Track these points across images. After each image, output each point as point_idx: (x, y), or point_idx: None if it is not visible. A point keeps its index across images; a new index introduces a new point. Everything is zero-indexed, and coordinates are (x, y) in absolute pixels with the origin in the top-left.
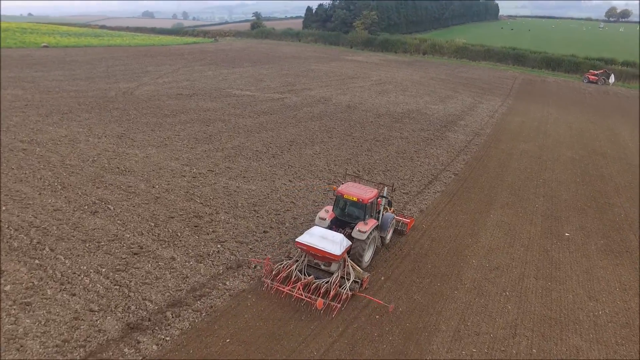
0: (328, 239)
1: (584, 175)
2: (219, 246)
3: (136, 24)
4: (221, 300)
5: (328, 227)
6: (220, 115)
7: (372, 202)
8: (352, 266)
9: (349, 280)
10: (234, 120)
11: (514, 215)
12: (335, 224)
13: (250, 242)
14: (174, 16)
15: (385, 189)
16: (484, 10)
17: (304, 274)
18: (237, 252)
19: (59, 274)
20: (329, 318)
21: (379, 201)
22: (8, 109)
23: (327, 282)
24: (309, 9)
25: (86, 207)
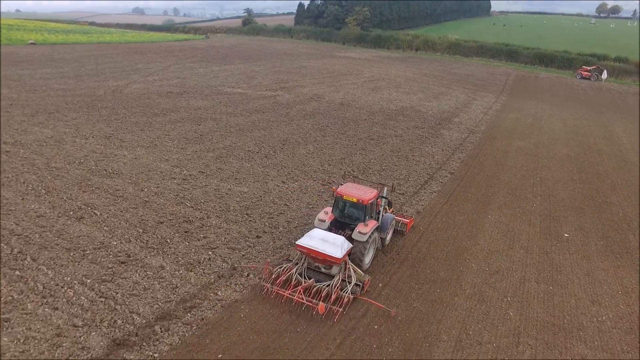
0: (329, 242)
1: (580, 173)
2: (210, 253)
3: (126, 20)
4: (213, 312)
5: (327, 228)
6: (211, 114)
7: (372, 202)
8: (353, 269)
9: (350, 283)
10: (225, 119)
11: (512, 215)
12: (334, 225)
13: (242, 248)
14: (165, 12)
15: (385, 189)
16: (476, 6)
17: (304, 277)
18: (230, 259)
19: (40, 286)
20: (327, 328)
21: (378, 201)
22: None
23: (328, 285)
24: (300, 5)
25: (71, 212)
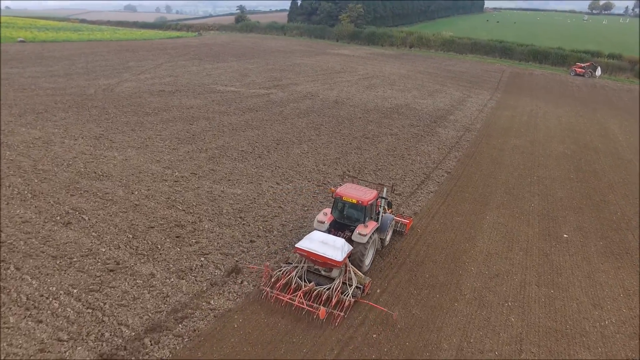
0: (329, 244)
1: (577, 172)
2: (202, 259)
3: (118, 18)
4: (205, 322)
5: (327, 230)
6: (204, 113)
7: (372, 203)
8: (353, 271)
9: (351, 286)
10: (218, 118)
11: (510, 216)
12: (334, 227)
13: (236, 254)
14: (157, 10)
15: (385, 189)
16: (469, 3)
17: (303, 281)
18: (223, 266)
19: (24, 298)
20: (324, 338)
21: (377, 202)
22: None
23: (329, 289)
24: (294, 2)
25: (58, 217)
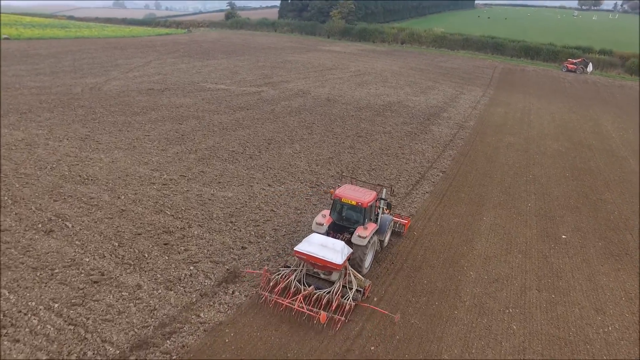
0: (328, 247)
1: (572, 170)
2: (191, 268)
3: (106, 14)
4: (194, 337)
5: (326, 232)
6: (193, 112)
7: (372, 205)
8: (353, 274)
9: (351, 289)
10: (208, 117)
11: (507, 216)
12: (333, 229)
13: (227, 262)
14: (146, 6)
15: (384, 190)
16: None
17: (303, 284)
18: (213, 275)
19: (0, 315)
20: (320, 351)
21: (376, 203)
22: None
23: (329, 292)
24: None
25: (40, 225)
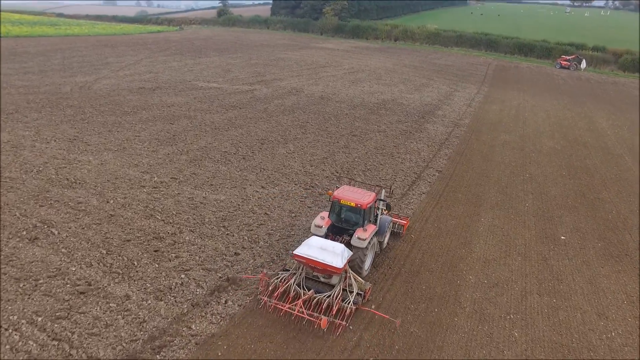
0: (328, 250)
1: (569, 168)
2: (182, 276)
3: (97, 11)
4: (185, 351)
5: (325, 234)
6: (185, 111)
7: (371, 206)
8: (353, 277)
9: (351, 292)
10: (200, 116)
11: (505, 217)
12: (331, 231)
13: (219, 269)
14: (138, 4)
15: (383, 191)
16: None
17: (302, 288)
18: (205, 283)
19: None
20: (322, 355)
21: (375, 204)
22: None
23: (329, 296)
24: None
25: (24, 232)
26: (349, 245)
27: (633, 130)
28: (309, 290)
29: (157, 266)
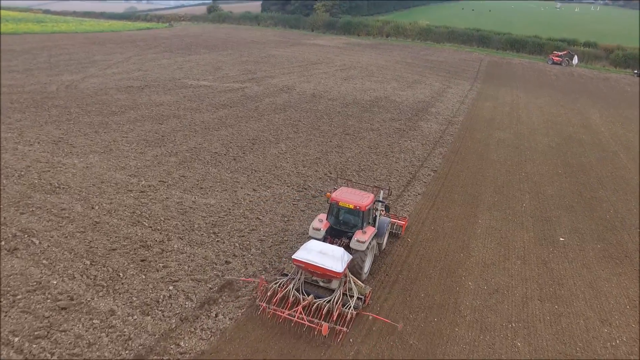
0: (328, 255)
1: (564, 166)
2: (170, 288)
3: (84, 8)
4: None
5: (323, 237)
6: (174, 111)
7: (370, 208)
8: (353, 281)
9: (352, 297)
10: (189, 115)
11: (502, 218)
12: (330, 234)
13: (209, 279)
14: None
15: (382, 192)
16: None
17: (301, 293)
18: (195, 295)
19: None
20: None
21: (374, 205)
22: None
23: (329, 301)
24: None
25: (3, 242)
26: (347, 248)
27: (627, 127)
28: (308, 295)
29: (143, 277)
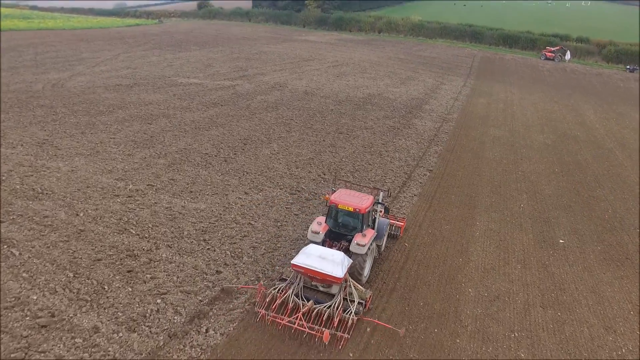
0: (327, 259)
1: (561, 164)
2: (158, 301)
3: (72, 4)
4: None
5: (322, 241)
6: (164, 110)
7: (369, 210)
8: (353, 285)
9: (352, 302)
10: (179, 115)
11: (501, 220)
12: (329, 237)
13: (200, 291)
14: None
15: (381, 194)
16: None
17: (301, 299)
18: (184, 309)
19: None
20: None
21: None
22: None
23: (329, 307)
24: None
25: None
26: (347, 251)
27: (621, 123)
28: (307, 300)
29: (130, 290)
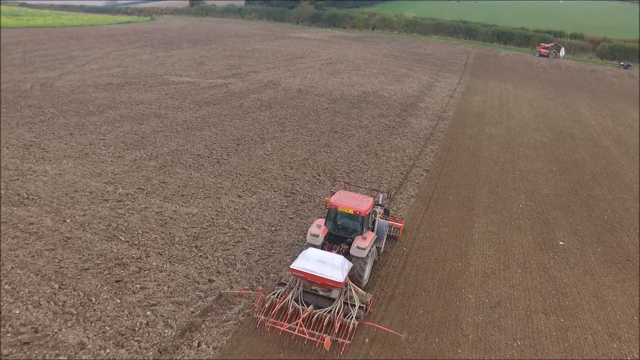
0: (327, 263)
1: (558, 163)
2: (148, 313)
3: (62, 1)
4: None
5: (322, 244)
6: (155, 109)
7: (369, 213)
8: (354, 289)
9: (353, 306)
10: (171, 114)
11: (500, 221)
12: (328, 239)
13: (191, 301)
14: None
15: (381, 196)
16: None
17: (300, 304)
18: (175, 322)
19: None
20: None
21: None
22: None
23: (330, 311)
24: None
25: None
26: (346, 254)
27: (617, 120)
28: (307, 305)
29: (118, 301)
